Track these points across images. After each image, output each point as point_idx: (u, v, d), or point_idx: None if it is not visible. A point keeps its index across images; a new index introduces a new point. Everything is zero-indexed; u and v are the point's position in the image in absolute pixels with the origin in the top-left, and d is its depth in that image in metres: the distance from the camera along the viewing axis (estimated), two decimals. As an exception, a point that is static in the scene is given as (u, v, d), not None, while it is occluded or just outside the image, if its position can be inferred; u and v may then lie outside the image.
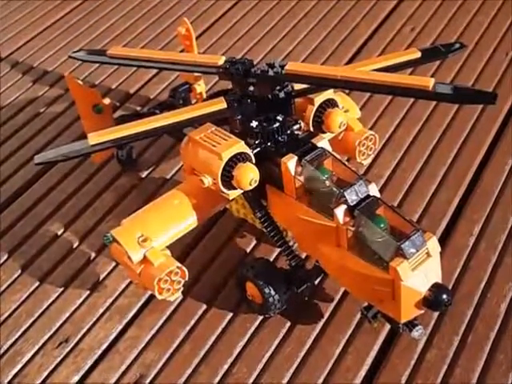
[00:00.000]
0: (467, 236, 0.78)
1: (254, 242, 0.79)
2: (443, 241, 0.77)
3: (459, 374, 0.66)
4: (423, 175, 0.85)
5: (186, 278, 0.64)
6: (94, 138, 0.64)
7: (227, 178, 0.63)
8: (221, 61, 0.70)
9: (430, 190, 0.83)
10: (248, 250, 0.78)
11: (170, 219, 0.66)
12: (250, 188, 0.63)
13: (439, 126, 0.92)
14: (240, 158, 0.64)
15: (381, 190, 0.81)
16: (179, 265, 0.63)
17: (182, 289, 0.64)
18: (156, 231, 0.64)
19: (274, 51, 1.08)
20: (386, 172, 0.86)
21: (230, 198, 0.65)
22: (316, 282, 0.70)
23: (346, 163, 0.65)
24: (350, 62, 1.05)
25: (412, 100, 0.96)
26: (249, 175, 0.63)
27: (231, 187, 0.64)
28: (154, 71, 1.05)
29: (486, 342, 0.68)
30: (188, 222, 0.66)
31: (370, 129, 0.88)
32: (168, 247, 0.66)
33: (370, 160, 0.77)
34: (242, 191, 0.65)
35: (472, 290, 0.72)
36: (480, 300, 0.71)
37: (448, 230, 0.79)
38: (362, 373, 0.67)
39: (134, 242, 0.63)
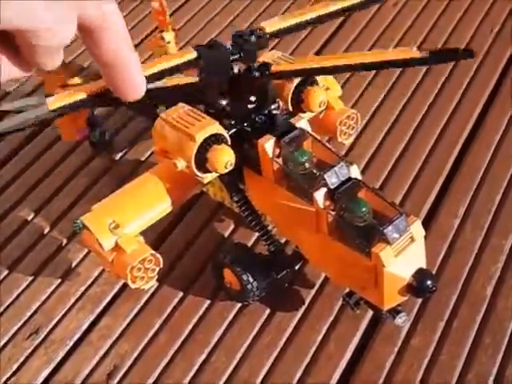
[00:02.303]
0: (452, 217, 0.77)
1: (232, 227, 0.78)
2: (427, 222, 0.76)
3: (445, 359, 0.65)
4: (406, 155, 0.84)
5: (161, 266, 0.63)
6: (52, 103, 0.60)
7: (201, 161, 0.62)
8: (192, 54, 0.67)
9: (414, 171, 0.82)
10: (226, 235, 0.77)
11: (142, 204, 0.64)
12: (226, 171, 0.61)
13: (423, 104, 0.91)
14: (215, 139, 0.62)
15: (363, 171, 0.81)
16: (153, 252, 0.62)
17: (156, 277, 0.63)
18: (128, 217, 0.63)
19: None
20: (369, 152, 0.85)
21: (205, 182, 0.64)
22: (296, 267, 0.69)
23: (327, 144, 0.63)
24: (332, 35, 1.03)
25: (395, 77, 0.95)
26: (224, 158, 0.61)
27: (206, 170, 0.62)
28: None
29: (472, 326, 0.67)
30: (162, 206, 0.64)
31: (352, 107, 0.87)
32: (141, 233, 0.64)
33: (351, 140, 0.76)
34: (217, 175, 0.63)
35: (457, 273, 0.72)
36: (465, 283, 0.71)
37: (432, 212, 0.78)
38: (345, 360, 0.66)
39: (105, 228, 0.61)
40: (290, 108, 0.68)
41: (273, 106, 0.66)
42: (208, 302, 0.71)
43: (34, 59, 0.35)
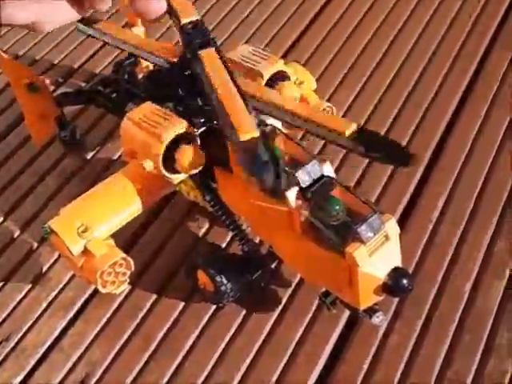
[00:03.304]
0: (430, 212, 0.76)
1: (206, 227, 0.76)
2: (405, 218, 0.76)
3: (424, 356, 0.64)
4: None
5: (132, 269, 0.62)
6: None
7: (170, 162, 0.61)
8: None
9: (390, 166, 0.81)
10: (200, 235, 0.76)
11: (112, 206, 0.63)
12: (195, 172, 0.60)
13: (400, 95, 0.90)
14: (183, 138, 0.60)
15: (338, 168, 0.80)
16: (124, 255, 0.61)
17: (127, 281, 0.62)
18: (97, 220, 0.62)
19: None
20: None
21: (175, 183, 0.63)
22: (271, 267, 0.68)
23: (299, 141, 0.62)
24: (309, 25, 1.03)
25: (370, 70, 0.94)
26: (192, 158, 0.60)
27: (175, 171, 0.61)
28: (99, 45, 1.00)
29: (451, 323, 0.67)
30: (132, 208, 0.64)
31: (328, 100, 0.86)
32: (112, 236, 0.64)
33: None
34: (187, 175, 0.62)
35: (435, 269, 0.71)
36: (443, 279, 0.70)
37: (410, 207, 0.77)
38: (323, 360, 0.65)
39: (74, 232, 0.61)
40: None
41: None
42: (182, 304, 0.70)
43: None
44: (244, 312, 0.69)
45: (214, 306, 0.69)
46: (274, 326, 0.68)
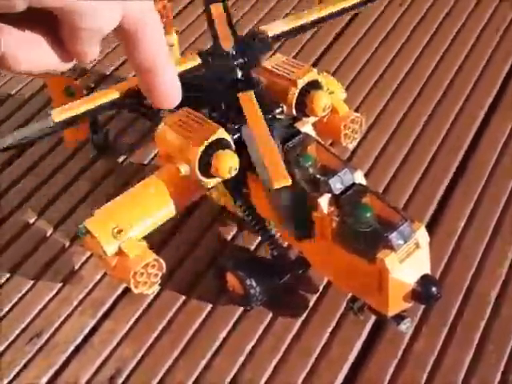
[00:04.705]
0: (456, 221, 0.75)
1: (234, 230, 0.76)
2: (432, 226, 0.75)
3: (448, 364, 0.64)
4: (411, 156, 0.83)
5: (164, 271, 0.61)
6: (57, 114, 0.59)
7: (205, 166, 0.60)
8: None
9: (418, 174, 0.80)
10: (229, 239, 0.75)
11: (145, 209, 0.62)
12: (229, 177, 0.60)
13: (428, 105, 0.89)
14: (219, 144, 0.60)
15: (366, 174, 0.78)
16: (156, 257, 0.60)
17: (159, 281, 0.62)
18: (131, 222, 0.61)
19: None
20: (372, 155, 0.83)
21: (209, 187, 0.62)
22: (299, 272, 0.67)
23: (331, 149, 0.62)
24: (337, 36, 1.02)
25: (400, 79, 0.93)
26: (227, 163, 0.59)
27: (210, 175, 0.61)
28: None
29: (476, 331, 0.66)
30: (165, 211, 0.63)
31: (356, 110, 0.86)
32: (144, 237, 0.63)
33: (355, 143, 0.74)
34: (220, 180, 0.62)
35: (461, 278, 0.70)
36: (469, 287, 0.69)
37: (437, 215, 0.76)
38: (348, 364, 0.65)
39: (108, 233, 0.60)
40: (294, 112, 0.66)
41: (277, 111, 0.65)
42: (210, 305, 0.70)
43: (75, 46, 0.33)
44: (271, 315, 0.68)
45: (241, 308, 0.69)
46: (300, 329, 0.67)
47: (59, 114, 0.59)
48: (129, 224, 0.61)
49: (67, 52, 0.34)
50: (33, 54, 0.33)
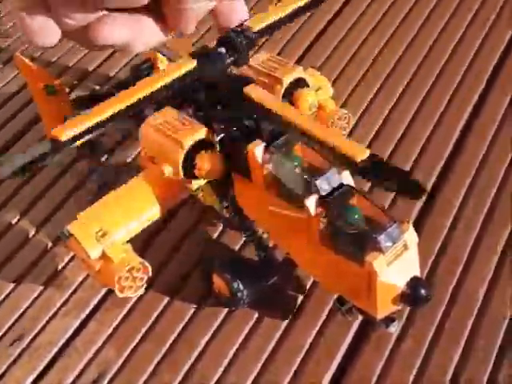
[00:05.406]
0: (444, 217, 0.74)
1: (219, 230, 0.74)
2: (419, 222, 0.73)
3: (436, 362, 0.62)
4: (397, 154, 0.81)
5: (149, 274, 0.60)
6: (58, 134, 0.52)
7: (189, 168, 0.59)
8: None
9: (406, 169, 0.78)
10: (214, 238, 0.73)
11: (130, 211, 0.60)
12: (213, 178, 0.59)
13: (415, 101, 0.87)
14: (203, 145, 0.58)
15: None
16: (141, 260, 0.59)
17: (144, 285, 0.60)
18: (116, 224, 0.59)
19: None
20: None
21: (194, 188, 0.61)
22: (286, 273, 0.66)
23: (317, 149, 0.60)
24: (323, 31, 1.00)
25: (386, 73, 0.91)
26: (212, 164, 0.58)
27: (194, 176, 0.59)
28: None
29: (464, 329, 0.64)
30: (150, 213, 0.61)
31: (343, 105, 0.84)
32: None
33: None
34: (205, 181, 0.60)
35: (449, 275, 0.68)
36: (457, 285, 0.68)
37: (424, 211, 0.75)
38: (334, 365, 0.63)
39: (92, 237, 0.58)
40: None
41: None
42: (195, 307, 0.68)
43: (177, 22, 0.37)
44: (256, 315, 0.66)
45: (225, 310, 0.67)
46: (286, 330, 0.65)
47: (60, 134, 0.53)
48: (113, 227, 0.59)
49: (169, 26, 0.38)
50: (145, 36, 0.38)
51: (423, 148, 0.82)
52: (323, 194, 0.57)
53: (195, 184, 0.60)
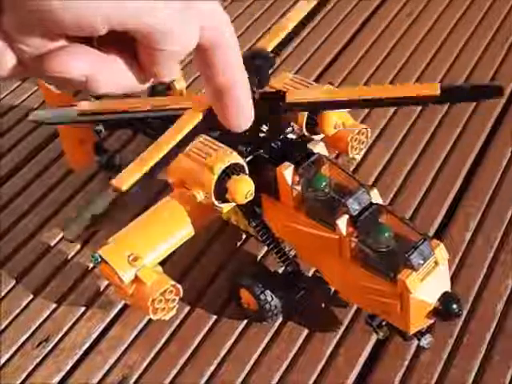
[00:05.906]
0: (463, 233, 0.72)
1: (242, 238, 0.73)
2: (438, 238, 0.70)
3: (454, 375, 0.61)
4: (417, 168, 0.79)
5: (181, 295, 0.58)
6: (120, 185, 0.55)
7: (221, 192, 0.57)
8: None
9: (424, 185, 0.77)
10: (237, 246, 0.72)
11: (160, 235, 0.59)
12: (246, 201, 0.58)
13: (434, 117, 0.85)
14: (233, 169, 0.58)
15: (372, 186, 0.76)
16: (173, 282, 0.57)
17: (176, 306, 0.58)
18: (147, 248, 0.58)
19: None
20: (378, 166, 0.79)
21: (224, 212, 0.60)
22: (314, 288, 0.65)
23: (345, 168, 0.59)
24: (343, 48, 0.98)
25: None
26: (244, 189, 0.56)
27: (225, 200, 0.59)
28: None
29: (482, 342, 0.63)
30: (179, 236, 0.60)
31: (362, 121, 0.82)
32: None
33: (362, 154, 0.71)
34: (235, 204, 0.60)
35: (467, 289, 0.67)
36: (475, 299, 0.67)
37: (443, 227, 0.73)
38: (354, 374, 0.62)
39: (124, 261, 0.56)
40: (305, 131, 0.63)
41: (287, 130, 0.62)
42: (218, 312, 0.67)
43: (154, 67, 0.31)
44: (278, 323, 0.66)
45: (247, 315, 0.66)
46: (307, 338, 0.65)
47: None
48: (144, 250, 0.57)
49: (145, 72, 0.32)
50: (112, 76, 0.31)
51: (445, 159, 0.81)
52: (354, 213, 0.56)
53: (226, 207, 0.60)
